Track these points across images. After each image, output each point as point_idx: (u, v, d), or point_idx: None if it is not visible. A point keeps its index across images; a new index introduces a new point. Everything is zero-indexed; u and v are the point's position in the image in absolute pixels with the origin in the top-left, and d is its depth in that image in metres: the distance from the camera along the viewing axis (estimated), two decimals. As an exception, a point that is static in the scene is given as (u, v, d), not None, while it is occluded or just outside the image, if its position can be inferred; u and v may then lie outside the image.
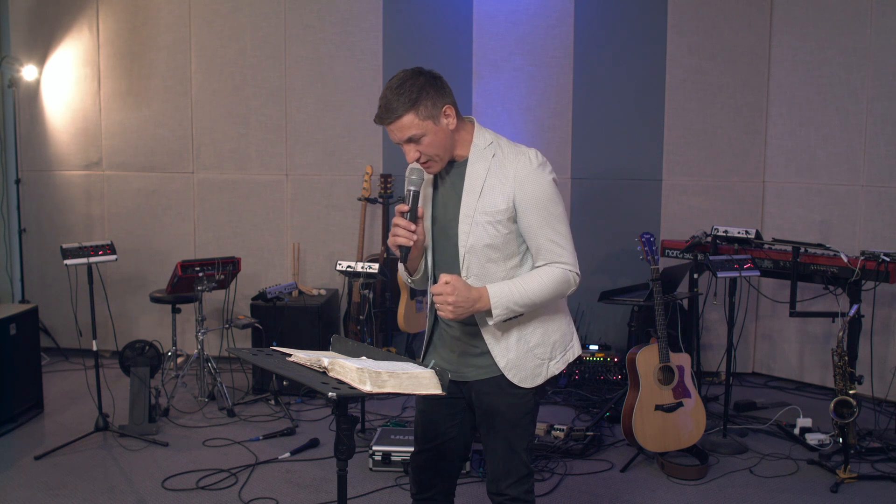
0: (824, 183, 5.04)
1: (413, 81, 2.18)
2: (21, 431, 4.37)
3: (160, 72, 5.60)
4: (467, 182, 2.26)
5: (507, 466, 2.36)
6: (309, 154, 5.55)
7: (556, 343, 2.36)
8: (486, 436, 2.39)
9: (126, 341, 5.28)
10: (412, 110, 2.16)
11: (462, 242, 2.26)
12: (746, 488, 3.71)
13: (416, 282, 2.43)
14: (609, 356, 5.12)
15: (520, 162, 2.24)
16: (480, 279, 2.26)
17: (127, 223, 5.71)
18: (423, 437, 2.46)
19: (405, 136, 2.19)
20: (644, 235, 4.01)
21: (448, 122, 2.22)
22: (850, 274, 4.18)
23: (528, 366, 2.31)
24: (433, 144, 2.20)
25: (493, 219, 2.23)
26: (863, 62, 4.82)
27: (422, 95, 2.17)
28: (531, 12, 5.32)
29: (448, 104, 2.22)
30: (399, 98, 2.16)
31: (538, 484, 3.68)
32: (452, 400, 2.39)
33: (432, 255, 2.37)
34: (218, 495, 3.62)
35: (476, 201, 2.24)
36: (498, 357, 2.29)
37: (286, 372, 1.96)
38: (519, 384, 2.30)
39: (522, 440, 2.35)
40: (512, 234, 2.26)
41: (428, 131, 2.18)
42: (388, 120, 2.19)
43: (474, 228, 2.24)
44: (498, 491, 2.38)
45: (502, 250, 2.26)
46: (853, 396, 3.82)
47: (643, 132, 5.35)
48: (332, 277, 5.56)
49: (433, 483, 2.47)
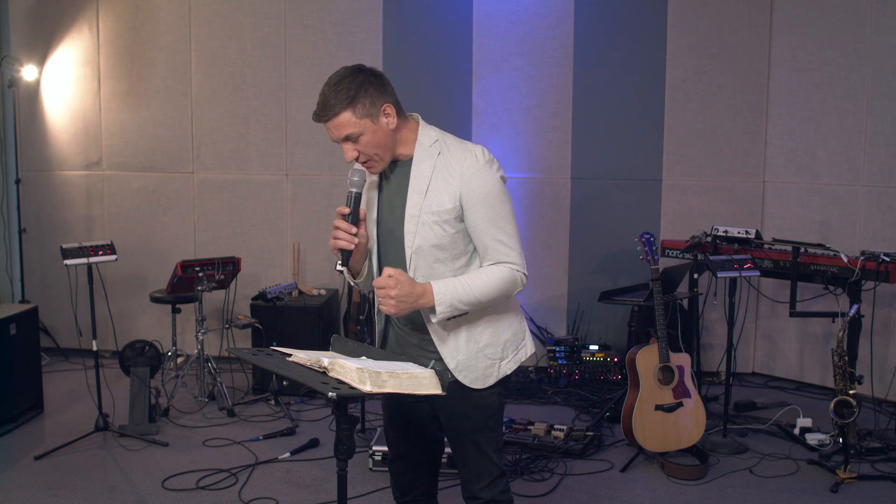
0: (824, 183, 5.04)
1: (352, 79, 2.14)
2: (21, 431, 4.37)
3: (160, 72, 5.60)
4: (412, 181, 2.22)
5: (478, 469, 2.33)
6: (309, 154, 5.55)
7: (508, 342, 2.32)
8: (453, 441, 2.37)
9: (126, 341, 5.28)
10: (349, 108, 2.12)
11: (408, 243, 2.22)
12: (746, 488, 3.71)
13: (360, 284, 2.38)
14: (609, 356, 5.12)
15: (466, 160, 2.18)
16: (428, 279, 2.21)
17: (127, 223, 5.71)
18: (395, 443, 2.46)
19: (342, 135, 2.15)
20: (644, 235, 4.01)
21: (388, 122, 2.17)
22: (850, 274, 4.18)
23: (478, 366, 2.27)
24: (371, 143, 2.16)
25: (439, 218, 2.18)
26: (863, 62, 4.82)
27: (359, 93, 2.12)
28: (531, 12, 5.32)
29: (388, 103, 2.17)
30: (336, 95, 2.12)
31: (538, 484, 3.69)
32: (413, 405, 2.38)
33: (377, 257, 2.33)
34: (218, 495, 3.62)
35: (422, 200, 2.20)
36: (448, 358, 2.25)
37: (286, 372, 1.96)
38: (470, 385, 2.26)
39: (490, 441, 2.33)
40: (459, 234, 2.21)
41: (366, 130, 2.14)
42: (325, 117, 2.15)
43: (420, 228, 2.20)
44: (472, 495, 2.36)
45: (449, 250, 2.22)
46: (853, 396, 3.82)
47: (643, 132, 5.35)
48: (332, 277, 5.56)
49: (414, 485, 2.47)
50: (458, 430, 2.34)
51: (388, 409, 2.45)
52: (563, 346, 5.13)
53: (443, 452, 2.52)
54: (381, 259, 2.33)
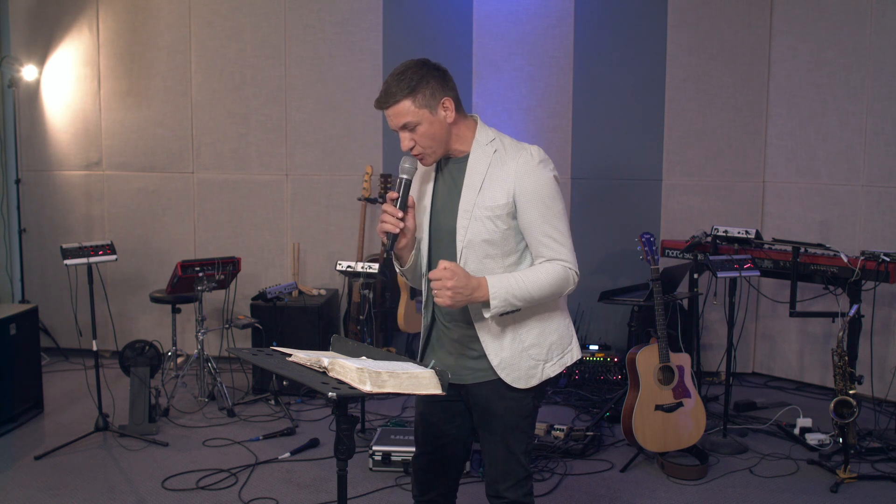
0: (824, 183, 5.04)
1: (416, 70, 2.19)
2: (21, 431, 4.37)
3: (160, 72, 5.60)
4: (467, 178, 2.26)
5: (505, 469, 2.35)
6: (309, 154, 5.55)
7: (553, 345, 2.33)
8: (484, 438, 2.38)
9: (126, 341, 5.28)
10: (410, 97, 2.17)
11: (460, 237, 2.25)
12: (746, 488, 3.71)
13: (405, 272, 2.40)
14: (609, 356, 5.12)
15: (521, 157, 2.22)
16: (477, 276, 2.23)
17: (127, 223, 5.71)
18: (423, 440, 2.46)
19: (401, 123, 2.20)
20: (644, 235, 4.01)
21: (446, 115, 2.22)
22: (850, 274, 4.18)
23: (522, 366, 2.28)
24: (427, 134, 2.20)
25: (492, 213, 2.22)
26: (863, 62, 4.82)
27: (421, 84, 2.18)
28: (531, 12, 5.32)
29: (448, 97, 2.22)
30: (399, 84, 2.17)
31: (538, 484, 3.69)
32: (450, 402, 2.38)
33: (428, 250, 2.35)
34: (218, 495, 3.62)
35: (476, 196, 2.23)
36: (491, 356, 2.27)
37: (286, 372, 1.96)
38: (512, 384, 2.27)
39: (521, 443, 2.34)
40: (511, 231, 2.24)
41: (423, 120, 2.19)
42: (386, 104, 2.19)
43: (472, 223, 2.23)
44: (497, 494, 2.37)
45: (500, 246, 2.25)
46: (853, 396, 3.82)
47: (643, 132, 5.35)
48: (332, 277, 5.56)
49: (434, 485, 2.46)
50: (490, 429, 2.35)
51: (422, 406, 2.45)
52: (563, 346, 5.12)
53: (469, 456, 2.52)
54: (432, 252, 2.35)
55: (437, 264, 2.21)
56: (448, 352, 2.37)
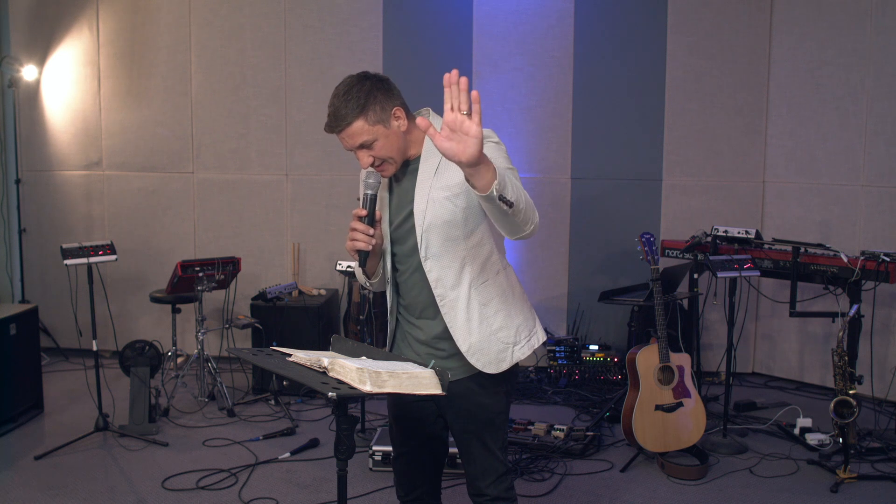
0: (824, 183, 5.04)
1: (360, 87, 2.15)
2: (21, 431, 4.37)
3: (160, 72, 5.60)
4: (422, 165, 2.23)
5: (483, 466, 2.35)
6: (309, 154, 5.55)
7: (520, 326, 2.31)
8: (459, 438, 2.38)
9: (126, 341, 5.28)
10: (361, 116, 2.14)
11: (419, 222, 2.21)
12: (746, 488, 3.71)
13: (373, 285, 2.39)
14: (609, 356, 5.12)
15: None
16: (439, 259, 2.20)
17: (127, 223, 5.71)
18: (400, 441, 2.47)
19: (357, 143, 2.17)
20: (644, 235, 4.01)
21: (399, 125, 2.19)
22: (850, 274, 4.18)
23: (491, 350, 2.25)
24: (385, 148, 2.18)
25: (450, 193, 2.17)
26: (863, 62, 4.82)
27: (370, 100, 2.14)
28: (531, 12, 5.32)
29: (397, 106, 2.19)
30: (347, 104, 2.13)
31: (538, 484, 3.69)
32: (421, 404, 2.38)
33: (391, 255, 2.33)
34: (218, 495, 3.62)
35: (431, 178, 2.20)
36: (460, 341, 2.23)
37: (286, 372, 1.96)
38: (483, 369, 2.25)
39: (496, 439, 2.34)
40: (471, 210, 2.18)
41: (379, 136, 2.16)
42: (338, 127, 2.16)
43: (431, 206, 2.19)
44: (478, 492, 2.37)
45: (462, 227, 2.19)
46: (853, 396, 3.82)
47: (643, 132, 5.35)
48: (332, 277, 5.56)
49: (417, 484, 2.47)
50: (465, 428, 2.35)
51: (394, 408, 2.46)
52: (563, 346, 5.13)
53: (447, 452, 2.53)
54: (395, 255, 2.33)
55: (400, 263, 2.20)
56: (416, 353, 2.34)
